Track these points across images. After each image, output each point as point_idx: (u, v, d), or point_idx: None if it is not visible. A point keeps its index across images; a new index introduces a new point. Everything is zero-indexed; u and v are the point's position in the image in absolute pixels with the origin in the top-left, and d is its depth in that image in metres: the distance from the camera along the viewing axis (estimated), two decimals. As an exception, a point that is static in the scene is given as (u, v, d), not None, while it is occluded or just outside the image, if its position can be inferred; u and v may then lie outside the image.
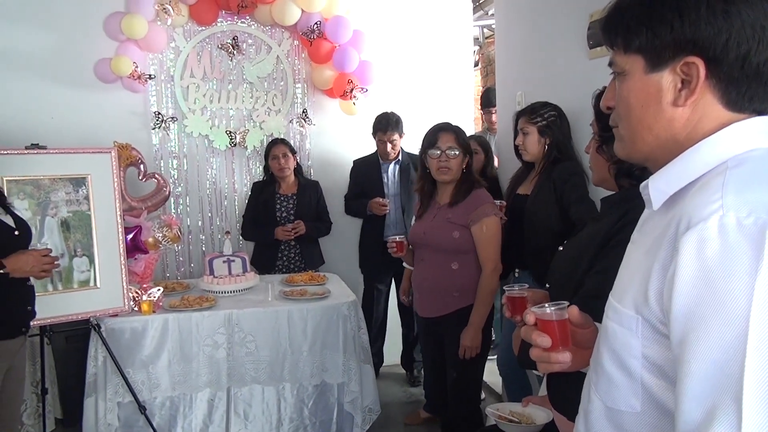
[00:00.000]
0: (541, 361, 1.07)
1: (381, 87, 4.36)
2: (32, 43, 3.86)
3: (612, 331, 0.89)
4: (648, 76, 0.86)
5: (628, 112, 0.90)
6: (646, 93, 0.87)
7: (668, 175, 0.86)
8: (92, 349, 2.91)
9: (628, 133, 0.92)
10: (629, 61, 0.88)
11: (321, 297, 3.20)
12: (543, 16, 3.18)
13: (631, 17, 0.86)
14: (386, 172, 4.12)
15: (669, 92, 0.84)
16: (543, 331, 1.06)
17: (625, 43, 0.88)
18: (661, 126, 0.86)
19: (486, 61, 7.20)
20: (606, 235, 1.38)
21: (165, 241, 3.20)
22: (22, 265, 2.30)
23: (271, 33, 4.28)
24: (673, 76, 0.84)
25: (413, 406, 3.85)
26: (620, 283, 0.92)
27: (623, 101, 0.91)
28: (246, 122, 4.29)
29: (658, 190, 0.87)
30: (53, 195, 2.79)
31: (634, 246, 0.95)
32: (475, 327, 2.76)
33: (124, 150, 3.27)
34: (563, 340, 1.06)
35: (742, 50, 0.79)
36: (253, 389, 3.06)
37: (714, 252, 0.72)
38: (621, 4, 0.90)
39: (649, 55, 0.85)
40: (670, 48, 0.83)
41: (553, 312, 1.06)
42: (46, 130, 3.71)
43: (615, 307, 0.89)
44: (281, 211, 3.95)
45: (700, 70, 0.81)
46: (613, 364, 0.89)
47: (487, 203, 2.79)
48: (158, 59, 4.10)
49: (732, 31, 0.79)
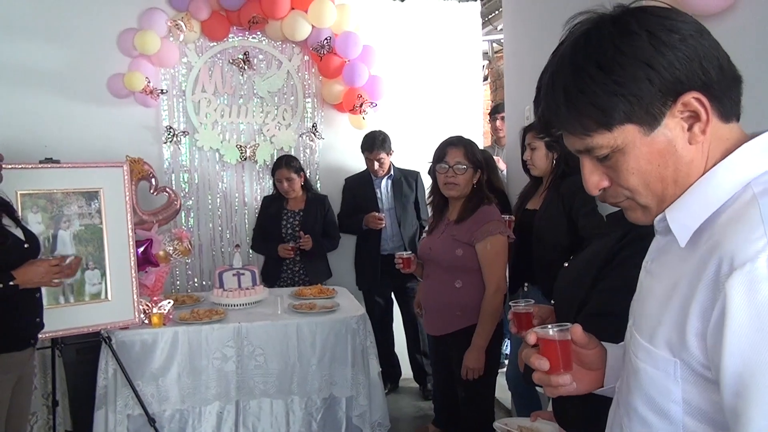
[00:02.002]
0: (543, 384, 1.04)
1: (390, 101, 4.39)
2: (47, 59, 3.92)
3: (645, 373, 0.84)
4: (650, 136, 0.81)
5: (646, 179, 0.84)
6: (658, 151, 0.82)
7: (687, 207, 0.82)
8: (102, 361, 2.92)
9: (653, 199, 0.85)
10: (618, 135, 0.82)
11: (330, 310, 3.21)
12: (551, 31, 3.19)
13: (595, 95, 0.81)
14: (379, 187, 4.17)
15: (679, 137, 0.81)
16: (544, 352, 1.02)
17: (605, 123, 0.82)
18: (685, 172, 0.82)
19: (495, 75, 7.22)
20: (609, 252, 1.37)
21: (176, 254, 3.22)
22: (32, 276, 2.32)
23: (281, 48, 4.32)
24: (674, 120, 0.80)
25: (422, 421, 3.83)
26: (645, 320, 0.87)
27: (635, 173, 0.84)
28: (256, 136, 4.33)
29: (681, 225, 0.82)
30: (66, 208, 2.82)
31: (653, 278, 0.89)
32: (478, 348, 2.69)
33: (136, 164, 3.31)
34: (565, 362, 1.02)
35: (714, 64, 0.79)
36: (261, 402, 3.06)
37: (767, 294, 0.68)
38: (562, 89, 0.84)
39: (640, 119, 0.80)
40: (658, 100, 0.79)
41: (555, 333, 1.02)
42: (59, 144, 3.76)
43: (645, 347, 0.84)
44: (286, 227, 3.97)
45: (703, 100, 0.79)
46: (648, 408, 0.85)
47: (494, 221, 2.71)
48: (170, 74, 4.15)
49: (698, 52, 0.79)
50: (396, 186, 4.17)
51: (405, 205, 4.18)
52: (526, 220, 3.00)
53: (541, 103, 0.88)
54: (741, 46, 0.80)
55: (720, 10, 1.92)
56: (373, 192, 4.15)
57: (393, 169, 4.18)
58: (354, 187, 4.23)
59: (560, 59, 0.85)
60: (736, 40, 0.83)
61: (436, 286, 2.84)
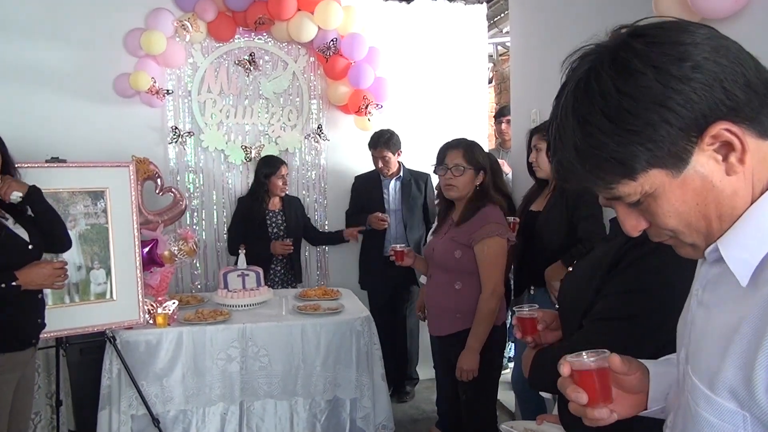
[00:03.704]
0: (580, 415, 0.95)
1: (395, 103, 4.39)
2: (53, 59, 3.93)
3: (707, 422, 0.77)
4: (681, 177, 0.74)
5: (687, 220, 0.77)
6: (693, 190, 0.74)
7: (743, 240, 0.74)
8: (107, 361, 2.92)
9: (699, 236, 0.78)
10: (645, 182, 0.75)
11: (335, 312, 3.21)
12: (557, 34, 3.20)
13: (610, 149, 0.74)
14: (387, 188, 4.16)
15: (715, 171, 0.73)
16: (581, 383, 0.92)
17: (628, 173, 0.75)
18: (729, 205, 0.74)
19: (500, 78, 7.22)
20: (615, 256, 1.36)
21: (181, 254, 3.22)
22: (34, 278, 2.33)
23: (287, 49, 4.33)
24: (705, 154, 0.72)
25: (425, 424, 3.83)
26: (701, 361, 0.79)
27: (672, 216, 0.77)
28: (261, 137, 4.33)
29: (739, 261, 0.74)
30: (72, 208, 2.82)
31: (709, 311, 0.81)
32: (472, 350, 2.67)
33: (142, 164, 3.31)
34: (604, 394, 0.93)
35: (739, 82, 0.71)
36: (266, 403, 3.06)
37: None
38: (573, 148, 0.77)
39: (664, 164, 0.73)
40: (681, 140, 0.71)
41: (591, 361, 0.92)
42: (66, 143, 3.76)
43: (706, 395, 0.76)
44: (272, 226, 3.98)
45: (734, 129, 0.70)
46: None
47: (492, 223, 2.67)
48: (176, 75, 4.15)
49: (717, 75, 0.70)
50: (405, 188, 4.16)
51: (412, 207, 4.16)
52: (530, 222, 3.00)
53: (555, 158, 0.81)
54: (754, 50, 0.75)
55: (731, 13, 1.91)
56: (380, 192, 4.14)
57: (403, 170, 4.17)
58: (362, 186, 4.23)
59: (563, 110, 0.78)
60: (748, 45, 0.78)
61: (438, 288, 2.84)
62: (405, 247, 3.02)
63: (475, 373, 2.68)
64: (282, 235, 3.97)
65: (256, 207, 3.98)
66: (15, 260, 2.31)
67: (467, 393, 2.79)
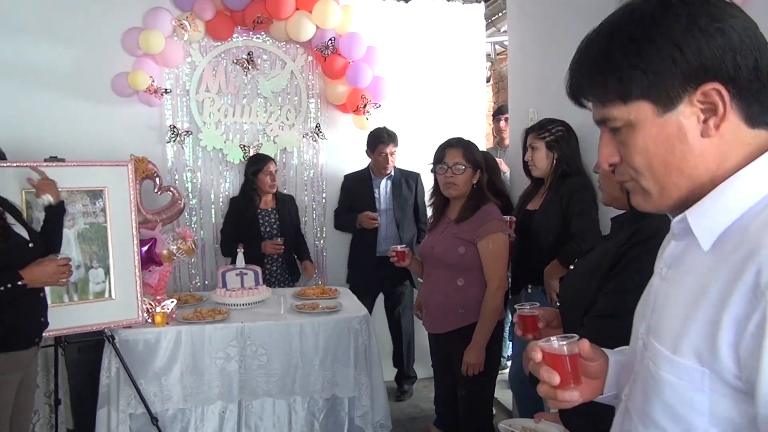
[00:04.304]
0: (549, 398, 1.00)
1: (394, 102, 4.40)
2: (52, 58, 3.93)
3: (667, 383, 0.81)
4: (663, 118, 0.80)
5: (650, 162, 0.82)
6: (666, 135, 0.80)
7: (710, 209, 0.80)
8: (106, 360, 2.93)
9: (656, 184, 0.84)
10: (633, 110, 0.81)
11: (333, 311, 3.21)
12: (555, 33, 3.21)
13: (619, 65, 0.80)
14: (378, 188, 4.16)
15: (693, 126, 0.79)
16: (553, 366, 0.98)
17: (623, 94, 0.81)
18: (692, 164, 0.80)
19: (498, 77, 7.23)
20: (616, 254, 1.38)
21: (179, 253, 3.22)
22: (39, 275, 2.33)
23: (285, 48, 4.33)
24: (692, 108, 0.78)
25: (423, 422, 3.84)
26: (665, 329, 0.84)
27: (641, 153, 0.83)
28: (260, 136, 4.33)
29: (704, 228, 0.80)
30: (70, 207, 2.82)
31: (670, 284, 0.87)
32: (478, 345, 2.72)
33: (141, 163, 3.31)
34: (574, 377, 0.99)
35: (749, 62, 0.77)
36: (264, 402, 3.06)
37: None
38: (593, 55, 0.84)
39: (656, 97, 0.79)
40: (678, 82, 0.77)
41: (563, 346, 0.99)
42: (64, 142, 3.76)
43: (667, 356, 0.81)
44: (264, 225, 3.97)
45: (723, 93, 0.76)
46: (669, 418, 0.83)
47: (494, 219, 2.74)
48: (174, 74, 4.16)
49: (734, 45, 0.76)
50: (395, 187, 4.17)
51: (403, 206, 4.17)
52: (527, 220, 3.01)
53: (573, 64, 0.87)
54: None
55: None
56: (371, 191, 4.14)
57: (393, 169, 4.18)
58: (352, 185, 4.23)
59: (601, 27, 0.85)
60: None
61: (438, 285, 2.86)
62: (405, 247, 3.06)
63: (481, 368, 2.73)
64: (275, 234, 3.96)
65: (248, 206, 3.97)
66: (16, 260, 2.31)
67: (467, 388, 2.82)
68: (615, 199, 1.63)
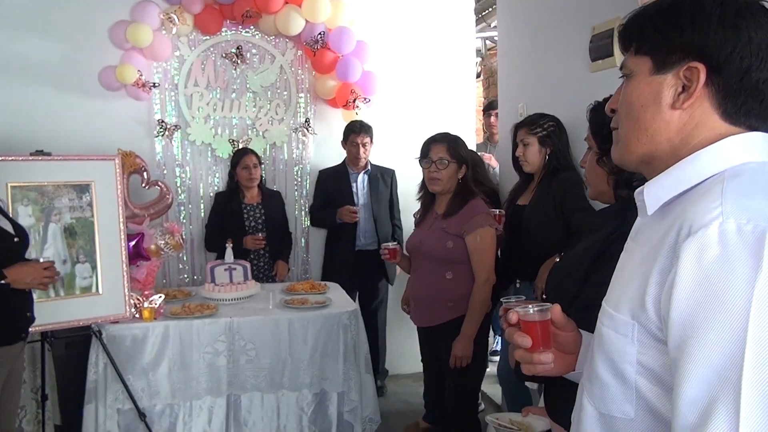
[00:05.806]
0: (523, 362, 1.10)
1: (383, 97, 4.39)
2: (38, 51, 3.89)
3: (607, 337, 0.89)
4: (652, 77, 0.88)
5: (629, 112, 0.92)
6: (647, 94, 0.89)
7: (664, 182, 0.88)
8: (93, 355, 2.91)
9: (625, 134, 0.93)
10: (638, 62, 0.90)
11: (322, 306, 3.21)
12: (545, 29, 3.21)
13: (648, 22, 0.89)
14: (355, 182, 4.14)
15: (668, 95, 0.87)
16: (525, 332, 1.08)
17: (638, 46, 0.90)
18: (657, 128, 0.88)
19: (488, 72, 7.24)
20: (601, 246, 1.39)
21: (167, 248, 3.21)
22: (23, 277, 2.32)
23: (275, 43, 4.31)
24: (676, 80, 0.86)
25: (412, 416, 3.84)
26: (615, 291, 0.93)
27: (626, 101, 0.92)
28: (249, 131, 4.31)
29: (652, 196, 0.89)
30: (57, 201, 2.80)
31: (628, 254, 0.96)
32: (466, 337, 2.76)
33: (128, 157, 3.29)
34: (544, 341, 1.09)
35: (743, 64, 0.82)
36: (253, 397, 3.06)
37: (714, 258, 0.73)
38: (642, 11, 0.92)
39: (657, 57, 0.87)
40: (677, 52, 0.85)
41: (536, 312, 1.09)
42: (50, 136, 3.74)
43: (610, 313, 0.89)
44: (249, 220, 3.96)
45: (701, 75, 0.83)
46: (606, 370, 0.90)
47: (482, 213, 2.80)
48: (162, 68, 4.13)
49: (738, 44, 0.82)
50: (372, 182, 4.16)
51: (381, 201, 4.16)
52: (517, 215, 3.02)
53: (632, 15, 0.94)
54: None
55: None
56: (349, 186, 4.12)
57: (369, 164, 4.17)
58: (329, 180, 4.20)
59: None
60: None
61: (427, 279, 2.89)
62: (396, 244, 3.11)
63: (469, 360, 2.78)
64: (260, 229, 3.94)
65: (231, 200, 3.96)
66: (1, 254, 2.30)
67: (454, 380, 2.85)
68: (601, 193, 1.63)
